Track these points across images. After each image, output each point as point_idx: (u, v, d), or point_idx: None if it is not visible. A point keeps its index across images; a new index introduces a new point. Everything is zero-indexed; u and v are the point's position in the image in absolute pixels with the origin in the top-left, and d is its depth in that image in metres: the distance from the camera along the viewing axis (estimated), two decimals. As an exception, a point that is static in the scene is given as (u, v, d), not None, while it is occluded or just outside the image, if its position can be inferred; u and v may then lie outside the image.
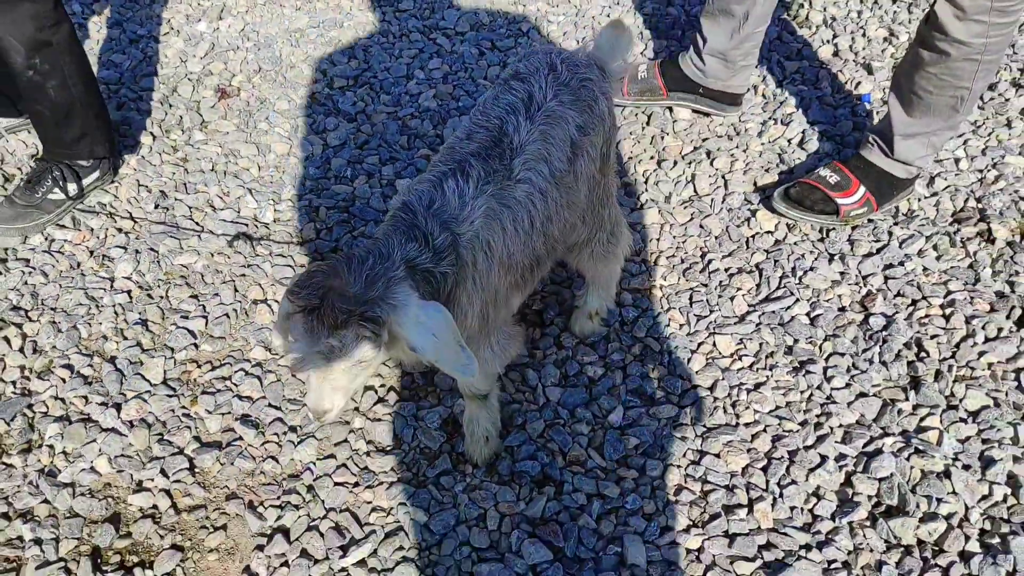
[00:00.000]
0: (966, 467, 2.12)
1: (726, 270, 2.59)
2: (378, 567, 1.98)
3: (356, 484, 2.13)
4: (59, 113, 2.56)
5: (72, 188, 2.67)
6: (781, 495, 2.09)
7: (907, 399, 2.26)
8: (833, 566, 1.96)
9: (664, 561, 1.98)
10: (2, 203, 2.65)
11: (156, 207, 2.75)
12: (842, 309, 2.48)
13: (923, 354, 2.35)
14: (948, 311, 2.44)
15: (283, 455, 2.18)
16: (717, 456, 2.16)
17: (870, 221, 2.69)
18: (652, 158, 2.92)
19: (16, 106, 2.86)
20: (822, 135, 2.97)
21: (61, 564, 1.98)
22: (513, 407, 2.26)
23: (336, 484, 2.12)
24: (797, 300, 2.49)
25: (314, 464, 2.17)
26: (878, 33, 3.37)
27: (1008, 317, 2.42)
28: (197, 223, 2.69)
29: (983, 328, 2.39)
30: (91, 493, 2.10)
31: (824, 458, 2.14)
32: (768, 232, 2.69)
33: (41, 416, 2.24)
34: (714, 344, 2.40)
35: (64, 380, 2.31)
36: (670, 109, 3.08)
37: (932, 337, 2.38)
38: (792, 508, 2.07)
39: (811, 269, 2.57)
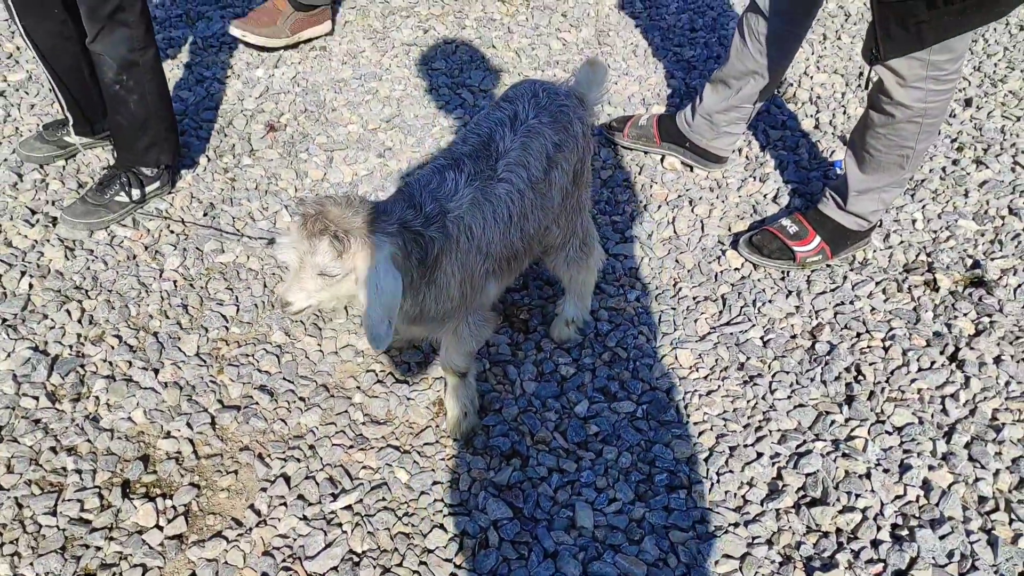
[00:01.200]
0: (886, 471, 2.40)
1: (694, 298, 2.93)
2: (362, 512, 2.30)
3: (351, 447, 2.47)
4: (136, 124, 3.02)
5: (136, 193, 3.11)
6: (718, 481, 2.38)
7: (841, 413, 2.55)
8: (756, 541, 2.25)
9: (608, 526, 2.28)
10: (76, 202, 3.09)
11: (204, 215, 3.18)
12: (793, 336, 2.80)
13: (860, 377, 2.66)
14: (888, 343, 2.75)
15: (291, 419, 2.53)
16: (666, 445, 2.46)
17: (827, 266, 3.02)
18: (640, 202, 3.30)
19: (92, 127, 3.33)
20: (794, 192, 3.34)
21: (96, 490, 2.33)
22: (493, 395, 2.60)
23: (334, 445, 2.46)
24: (753, 325, 2.81)
25: (316, 428, 2.51)
26: (857, 112, 3.75)
27: (942, 353, 2.72)
28: (238, 230, 3.11)
29: (917, 360, 2.69)
30: (126, 437, 2.47)
31: (760, 454, 2.44)
32: (736, 269, 3.04)
33: (91, 374, 2.62)
34: (675, 357, 2.73)
35: (113, 347, 2.70)
36: (662, 160, 3.47)
37: (870, 364, 2.69)
38: (726, 492, 2.36)
39: (770, 301, 2.90)
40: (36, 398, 2.53)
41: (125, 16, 2.82)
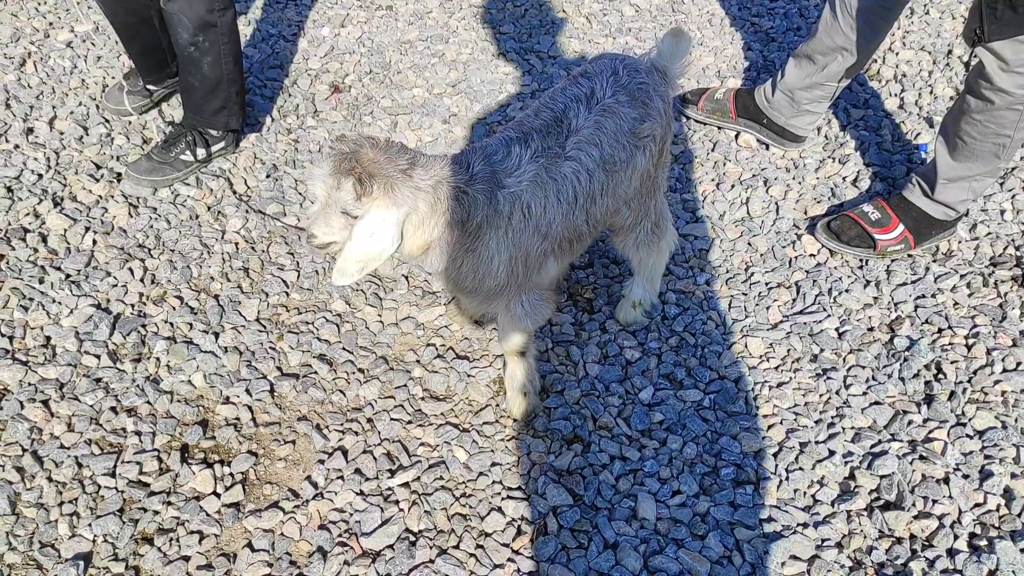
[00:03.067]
0: (965, 476, 2.29)
1: (766, 284, 2.81)
2: (419, 491, 2.26)
3: (409, 422, 2.43)
4: (207, 86, 2.96)
5: (201, 152, 3.08)
6: (787, 478, 2.29)
7: (919, 413, 2.44)
8: (826, 544, 2.16)
9: (671, 519, 2.21)
10: (141, 159, 3.07)
11: (267, 176, 3.14)
12: (870, 329, 2.68)
13: (941, 376, 2.53)
14: (971, 341, 2.61)
15: (350, 391, 2.50)
16: (733, 438, 2.38)
17: (909, 255, 2.88)
18: (712, 180, 3.18)
19: (161, 80, 3.29)
20: (875, 176, 3.19)
21: (155, 453, 2.32)
22: (555, 376, 2.53)
23: (392, 419, 2.42)
24: (828, 316, 2.70)
25: (375, 401, 2.47)
26: (945, 92, 3.56)
27: (1029, 354, 2.59)
28: (300, 194, 3.07)
29: (1002, 360, 2.55)
30: (186, 401, 2.45)
31: (832, 452, 2.34)
32: (811, 255, 2.91)
33: (152, 335, 2.61)
34: (745, 345, 2.63)
35: (174, 308, 2.69)
36: (736, 136, 3.34)
37: (952, 362, 2.56)
38: (795, 490, 2.27)
39: (846, 291, 2.78)
40: (98, 356, 2.53)
41: None
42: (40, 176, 3.07)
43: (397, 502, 2.24)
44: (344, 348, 2.61)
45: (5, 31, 3.73)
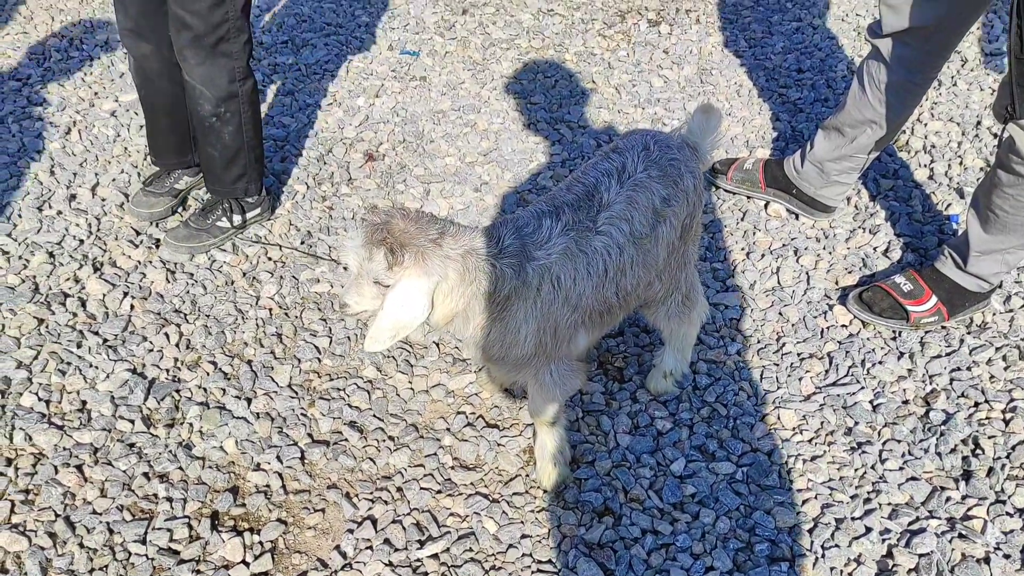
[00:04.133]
0: (1006, 556, 2.23)
1: (798, 354, 2.80)
2: (448, 562, 2.24)
3: (439, 491, 2.41)
4: (227, 155, 3.02)
5: (236, 219, 3.14)
6: (823, 556, 2.25)
7: (957, 489, 2.39)
8: (864, 625, 2.11)
9: (705, 596, 2.17)
10: (179, 225, 3.14)
11: (302, 243, 3.19)
12: (905, 401, 2.64)
13: (978, 451, 2.49)
14: (1008, 416, 2.57)
15: (380, 458, 2.49)
16: (767, 512, 2.34)
17: (943, 327, 2.86)
18: (743, 249, 3.19)
19: (179, 159, 3.27)
20: (906, 246, 3.18)
21: (185, 520, 2.33)
22: (585, 446, 2.52)
23: (422, 488, 2.41)
24: (862, 388, 2.67)
25: (405, 470, 2.47)
26: (975, 163, 3.57)
27: (1069, 429, 2.54)
28: (334, 260, 3.11)
29: (1042, 435, 2.51)
30: (217, 467, 2.46)
31: (869, 529, 2.30)
32: (843, 326, 2.90)
33: (186, 400, 2.63)
34: (778, 417, 2.61)
35: (208, 373, 2.71)
36: (766, 206, 3.35)
37: (989, 437, 2.52)
38: (832, 569, 2.22)
39: (880, 363, 2.75)
40: (132, 421, 2.55)
41: (229, 47, 2.79)
42: (81, 242, 3.14)
43: (426, 574, 2.22)
44: (375, 415, 2.61)
45: (53, 100, 3.86)
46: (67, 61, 4.16)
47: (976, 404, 2.62)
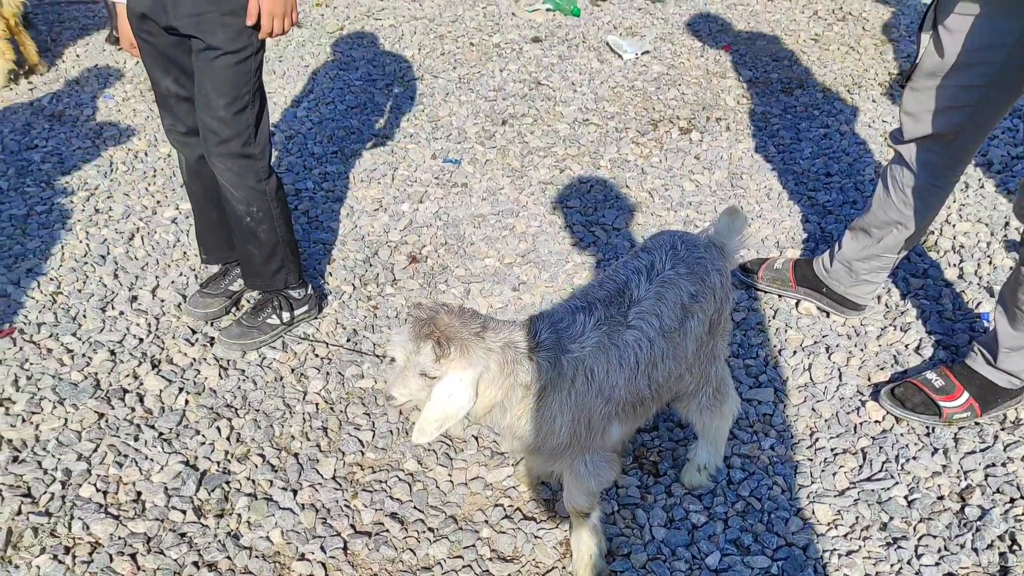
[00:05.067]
0: (1049, 655, 2.21)
1: (832, 449, 2.84)
2: (486, 654, 2.28)
3: (477, 583, 2.47)
4: (266, 252, 3.21)
5: (286, 316, 3.31)
6: (860, 652, 2.24)
7: (996, 585, 2.39)
8: None
9: None
10: (232, 324, 3.31)
11: (348, 340, 3.34)
12: (940, 497, 2.66)
13: (1015, 547, 2.48)
14: (1046, 512, 2.57)
15: (420, 549, 2.56)
16: (803, 608, 2.35)
17: (976, 423, 2.88)
18: (775, 346, 3.26)
19: (220, 255, 3.49)
20: (937, 344, 3.23)
21: (232, 608, 2.40)
22: (621, 539, 2.56)
23: (460, 580, 2.47)
24: (896, 483, 2.69)
25: (444, 561, 2.53)
26: (1004, 262, 3.64)
27: (1109, 526, 2.52)
28: (379, 356, 3.25)
29: (1081, 532, 2.50)
30: (263, 556, 2.54)
31: (907, 626, 2.30)
32: (876, 422, 2.93)
33: (235, 491, 2.74)
34: (813, 511, 2.63)
35: (256, 465, 2.83)
36: (797, 304, 3.44)
37: (1028, 533, 2.52)
38: (870, 665, 2.22)
39: (914, 458, 2.78)
40: (183, 511, 2.66)
41: (251, 149, 2.99)
42: (141, 340, 3.32)
43: (464, 665, 2.26)
44: (415, 507, 2.69)
45: (118, 208, 4.13)
46: (131, 172, 4.46)
47: (1012, 500, 2.63)
